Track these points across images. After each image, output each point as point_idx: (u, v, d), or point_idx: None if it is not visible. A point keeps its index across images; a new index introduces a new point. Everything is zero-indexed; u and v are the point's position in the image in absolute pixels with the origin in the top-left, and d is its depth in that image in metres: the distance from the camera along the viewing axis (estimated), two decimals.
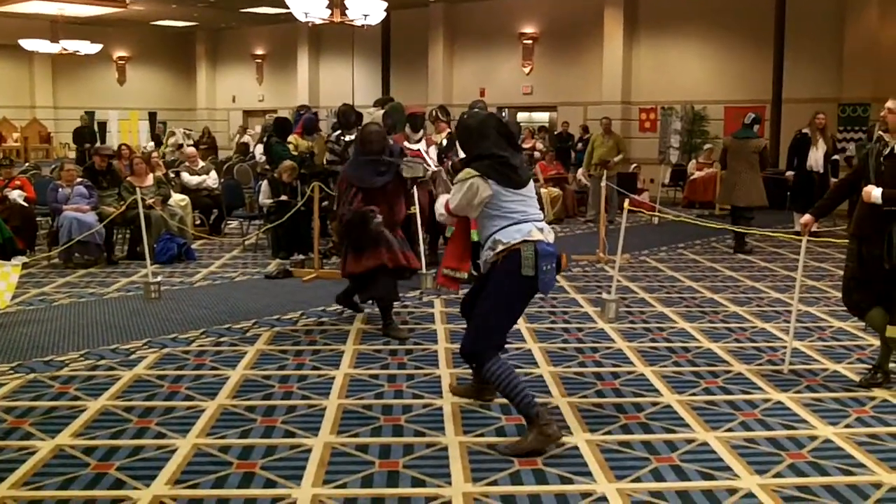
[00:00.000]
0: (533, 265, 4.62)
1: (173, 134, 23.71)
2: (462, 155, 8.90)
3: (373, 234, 6.90)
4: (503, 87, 21.96)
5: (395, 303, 7.37)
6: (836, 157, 13.67)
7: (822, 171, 12.91)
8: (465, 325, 7.40)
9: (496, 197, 4.70)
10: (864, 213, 5.66)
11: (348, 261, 7.13)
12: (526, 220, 4.71)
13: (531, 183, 4.91)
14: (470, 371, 5.51)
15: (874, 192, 5.50)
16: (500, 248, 4.69)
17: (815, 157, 12.90)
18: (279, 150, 11.25)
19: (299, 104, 13.78)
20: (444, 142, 9.79)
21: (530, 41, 21.72)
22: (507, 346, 6.69)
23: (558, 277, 9.74)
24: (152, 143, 22.41)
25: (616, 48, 19.82)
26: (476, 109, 9.22)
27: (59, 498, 3.99)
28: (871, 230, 5.59)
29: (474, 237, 9.12)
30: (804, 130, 13.34)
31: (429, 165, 9.41)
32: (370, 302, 7.54)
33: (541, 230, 4.72)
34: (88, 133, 23.71)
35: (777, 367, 6.22)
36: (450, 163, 9.27)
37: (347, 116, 10.01)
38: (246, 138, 23.11)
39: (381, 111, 9.81)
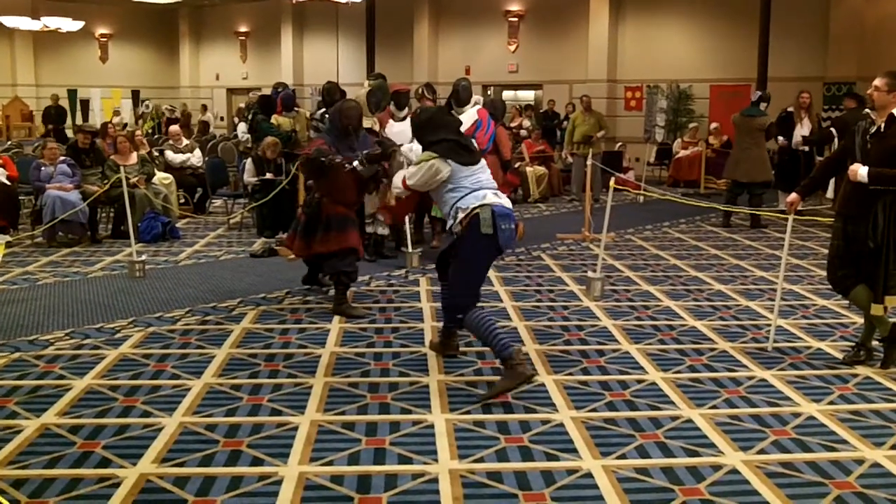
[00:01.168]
0: (491, 224, 5.25)
1: (117, 113, 23.45)
2: None
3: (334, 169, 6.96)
4: (488, 65, 21.89)
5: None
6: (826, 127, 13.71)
7: (807, 149, 12.93)
8: None
9: (454, 174, 5.39)
10: (849, 191, 5.68)
11: (315, 240, 7.11)
12: (481, 188, 5.38)
13: (482, 160, 5.62)
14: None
15: (860, 171, 5.52)
16: (461, 214, 5.34)
17: (801, 136, 12.94)
18: (266, 127, 11.19)
19: (276, 82, 13.67)
20: None
21: (516, 19, 21.64)
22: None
23: (543, 255, 9.84)
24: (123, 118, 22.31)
25: (602, 26, 19.78)
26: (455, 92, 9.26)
27: (45, 476, 3.99)
28: (856, 208, 5.61)
29: (438, 213, 9.18)
30: (789, 109, 13.39)
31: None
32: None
33: (496, 195, 5.39)
34: (56, 113, 23.33)
35: (761, 345, 6.26)
36: None
37: (332, 94, 9.95)
38: (207, 116, 22.98)
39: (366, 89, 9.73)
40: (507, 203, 5.44)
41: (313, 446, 4.36)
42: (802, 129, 13.01)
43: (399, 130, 9.29)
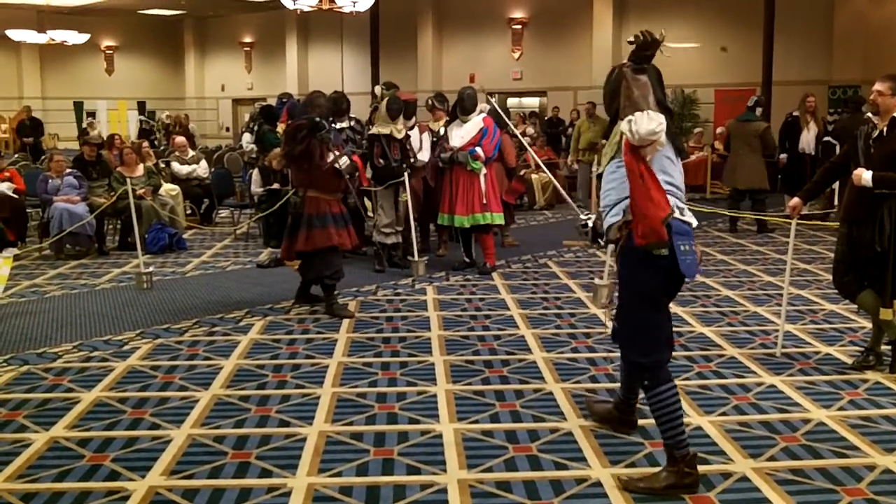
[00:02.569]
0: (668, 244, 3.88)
1: (92, 126, 23.21)
2: (456, 143, 8.97)
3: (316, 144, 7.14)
4: (493, 72, 21.91)
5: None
6: (826, 138, 13.62)
7: (813, 153, 12.88)
8: (457, 312, 7.45)
9: (656, 156, 3.97)
10: (854, 196, 5.67)
11: (298, 240, 7.31)
12: (670, 191, 3.97)
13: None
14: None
15: (864, 175, 5.51)
16: (630, 218, 3.92)
17: (807, 140, 12.90)
18: (272, 138, 11.19)
19: (281, 92, 13.70)
20: (442, 130, 9.78)
21: (519, 26, 21.68)
22: (501, 332, 6.72)
23: (549, 263, 9.83)
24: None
25: (605, 32, 19.79)
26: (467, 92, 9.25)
27: (54, 490, 3.99)
28: (861, 213, 5.60)
29: (444, 221, 9.19)
30: (794, 113, 13.34)
31: (415, 153, 9.39)
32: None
33: (681, 209, 4.01)
34: (30, 126, 22.53)
35: (770, 351, 6.24)
36: (439, 151, 9.24)
37: (339, 104, 9.95)
38: (192, 125, 22.98)
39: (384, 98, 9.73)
40: (691, 218, 4.07)
41: (321, 457, 4.35)
42: (809, 134, 12.91)
43: (417, 140, 9.33)
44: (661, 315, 4.11)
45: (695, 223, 4.06)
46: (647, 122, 3.77)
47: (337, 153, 7.29)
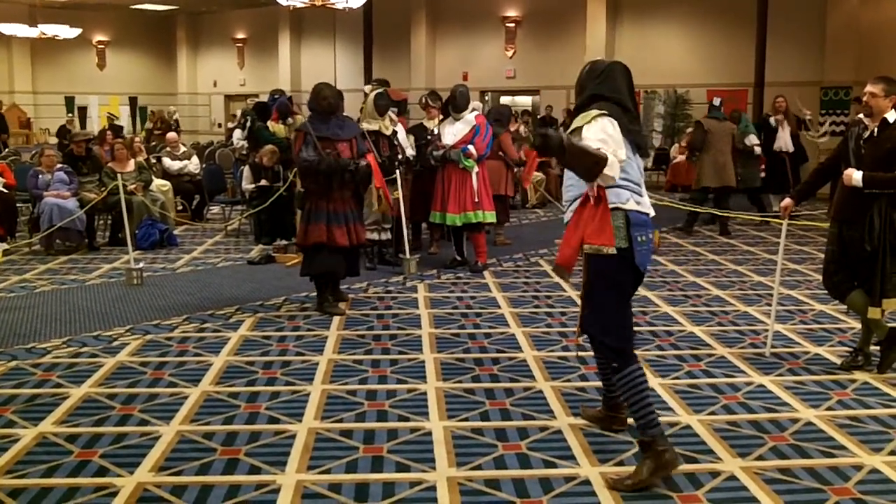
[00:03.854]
0: (625, 235, 4.03)
1: (71, 122, 22.89)
2: (448, 141, 8.96)
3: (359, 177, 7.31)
4: (486, 70, 21.91)
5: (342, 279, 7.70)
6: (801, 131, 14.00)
7: (791, 150, 13.23)
8: (448, 310, 7.45)
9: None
10: (844, 196, 5.69)
11: (299, 233, 7.52)
12: (626, 185, 4.09)
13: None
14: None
15: (855, 175, 5.53)
16: None
17: (784, 139, 13.27)
18: (266, 134, 11.17)
19: (273, 89, 13.66)
20: (436, 128, 9.77)
21: (513, 24, 21.67)
22: (492, 330, 6.73)
23: (541, 261, 9.83)
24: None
25: (599, 31, 19.79)
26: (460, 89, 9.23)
27: (42, 486, 3.98)
28: (851, 213, 5.62)
29: (436, 219, 9.18)
30: (769, 114, 13.72)
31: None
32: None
33: (639, 198, 4.13)
34: None
35: (759, 351, 6.26)
36: (431, 149, 9.22)
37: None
38: (176, 115, 22.89)
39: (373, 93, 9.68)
40: (649, 209, 4.19)
41: (311, 454, 4.35)
42: (785, 132, 13.25)
43: (404, 137, 9.31)
44: (628, 304, 4.25)
45: (652, 213, 4.19)
46: (614, 170, 3.94)
47: (358, 163, 7.29)
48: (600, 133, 3.99)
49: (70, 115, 25.05)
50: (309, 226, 7.26)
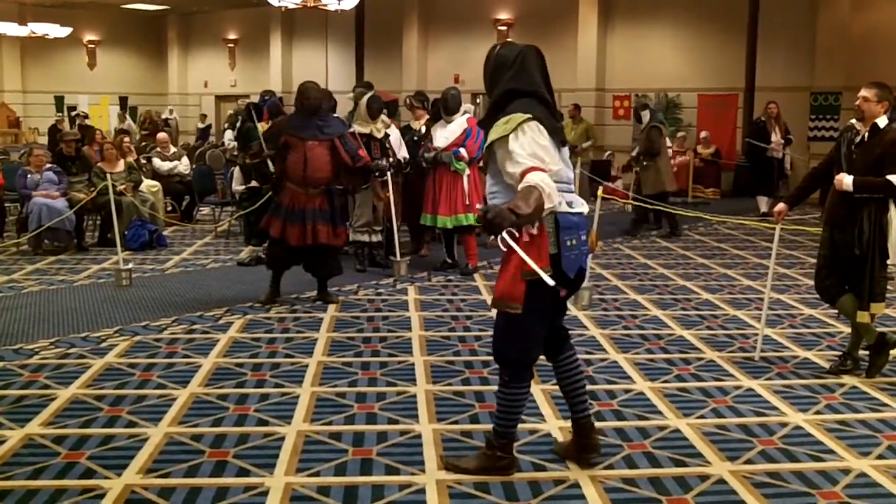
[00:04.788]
0: (554, 241, 3.81)
1: (61, 122, 22.86)
2: (440, 144, 8.96)
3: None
4: (478, 73, 21.56)
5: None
6: (790, 136, 14.51)
7: (781, 155, 13.73)
8: (438, 313, 7.45)
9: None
10: (836, 200, 5.72)
11: (263, 221, 7.74)
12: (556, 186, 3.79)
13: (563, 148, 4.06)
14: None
15: (846, 180, 5.56)
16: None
17: (776, 143, 13.65)
18: (254, 134, 11.13)
19: (264, 89, 13.65)
20: (423, 129, 9.76)
21: (505, 27, 21.66)
22: (482, 333, 6.72)
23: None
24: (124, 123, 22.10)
25: (590, 35, 19.80)
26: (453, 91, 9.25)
27: (28, 487, 3.96)
28: (842, 217, 5.65)
29: (427, 221, 9.17)
30: (762, 119, 14.09)
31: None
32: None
33: (569, 203, 3.88)
34: None
35: (748, 355, 6.27)
36: (422, 151, 9.22)
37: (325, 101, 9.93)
38: (127, 123, 22.75)
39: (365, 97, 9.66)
40: (581, 206, 3.95)
41: (300, 457, 4.34)
42: (777, 137, 13.82)
43: (396, 139, 9.31)
44: (543, 317, 3.95)
45: (585, 210, 3.96)
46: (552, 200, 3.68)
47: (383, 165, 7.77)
48: (530, 146, 3.69)
49: (60, 114, 24.90)
50: (270, 217, 7.51)
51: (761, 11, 17.03)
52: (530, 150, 3.70)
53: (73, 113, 25.03)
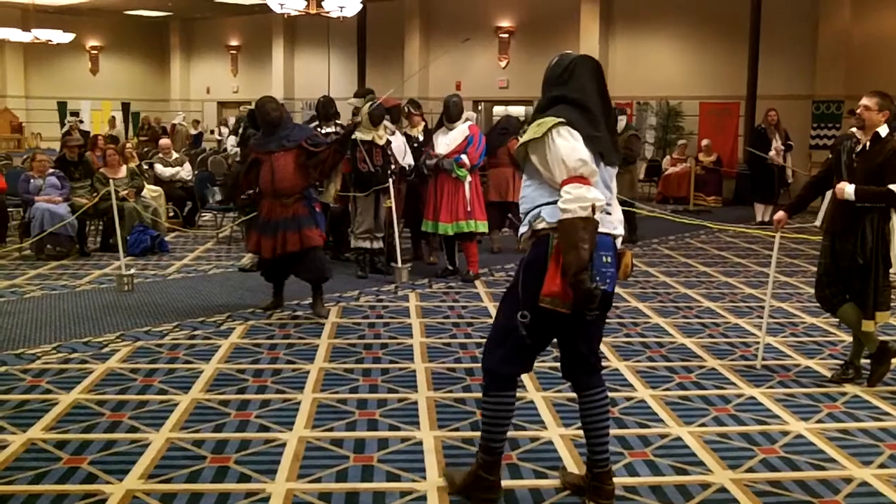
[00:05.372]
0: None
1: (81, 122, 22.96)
2: (441, 151, 8.97)
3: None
4: (479, 80, 21.95)
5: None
6: (790, 142, 14.64)
7: (781, 163, 13.91)
8: (440, 320, 7.45)
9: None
10: (837, 209, 5.72)
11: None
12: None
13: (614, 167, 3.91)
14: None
15: (847, 189, 5.56)
16: (541, 226, 3.68)
17: (777, 150, 13.85)
18: None
19: (265, 96, 13.67)
20: (420, 135, 9.77)
21: (506, 35, 21.72)
22: (483, 340, 6.71)
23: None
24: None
25: (592, 43, 19.84)
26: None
27: (30, 492, 3.96)
28: (844, 226, 5.65)
29: (428, 228, 9.18)
30: (763, 126, 14.35)
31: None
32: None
33: (604, 214, 3.67)
34: None
35: (750, 363, 6.27)
36: (424, 158, 9.23)
37: (327, 108, 9.96)
38: (117, 129, 22.72)
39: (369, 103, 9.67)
40: (616, 226, 3.81)
41: (301, 463, 4.34)
42: (778, 144, 14.02)
43: (395, 145, 9.32)
44: (540, 336, 3.77)
45: (620, 233, 3.81)
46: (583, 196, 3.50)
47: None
48: (572, 152, 3.54)
49: (73, 118, 24.87)
50: (250, 231, 7.68)
51: (763, 19, 17.05)
52: (561, 154, 3.55)
53: (67, 118, 25.11)
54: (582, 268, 3.44)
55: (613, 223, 3.78)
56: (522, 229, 3.80)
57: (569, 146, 3.57)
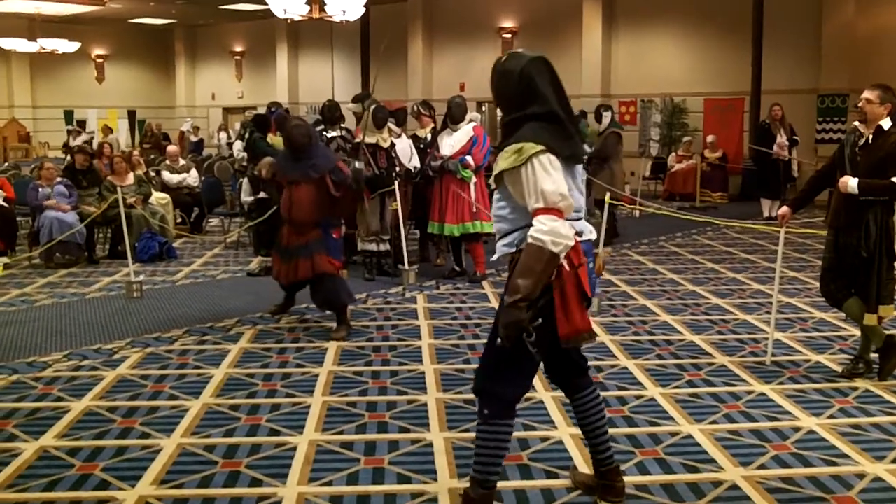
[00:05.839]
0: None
1: (79, 133, 23.07)
2: (446, 152, 8.98)
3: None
4: (483, 81, 21.61)
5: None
6: (796, 137, 14.59)
7: (787, 157, 13.93)
8: (447, 321, 7.45)
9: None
10: (840, 203, 5.72)
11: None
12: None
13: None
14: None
15: (850, 182, 5.55)
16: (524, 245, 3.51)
17: (782, 146, 13.82)
18: (263, 146, 11.17)
19: (270, 101, 13.68)
20: (429, 136, 9.79)
21: (509, 35, 21.70)
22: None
23: None
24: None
25: (595, 41, 19.83)
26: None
27: (44, 499, 3.98)
28: (847, 220, 5.64)
29: (434, 229, 9.18)
30: (767, 121, 14.37)
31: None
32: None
33: (579, 232, 3.62)
34: None
35: (759, 359, 6.26)
36: (429, 159, 9.23)
37: (333, 111, 9.97)
38: (112, 137, 22.72)
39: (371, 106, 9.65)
40: (590, 234, 3.73)
41: (312, 466, 4.35)
42: (782, 139, 14.05)
43: (400, 147, 9.33)
44: (543, 350, 3.66)
45: (592, 237, 3.74)
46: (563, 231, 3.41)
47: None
48: (553, 186, 3.41)
49: (79, 128, 24.89)
50: (274, 255, 7.50)
51: (766, 14, 17.02)
52: (541, 186, 3.42)
53: (68, 127, 25.18)
54: (529, 298, 3.39)
55: (590, 229, 3.73)
56: (507, 250, 3.65)
57: (549, 179, 3.42)
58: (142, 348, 6.64)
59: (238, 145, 13.92)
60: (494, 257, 3.78)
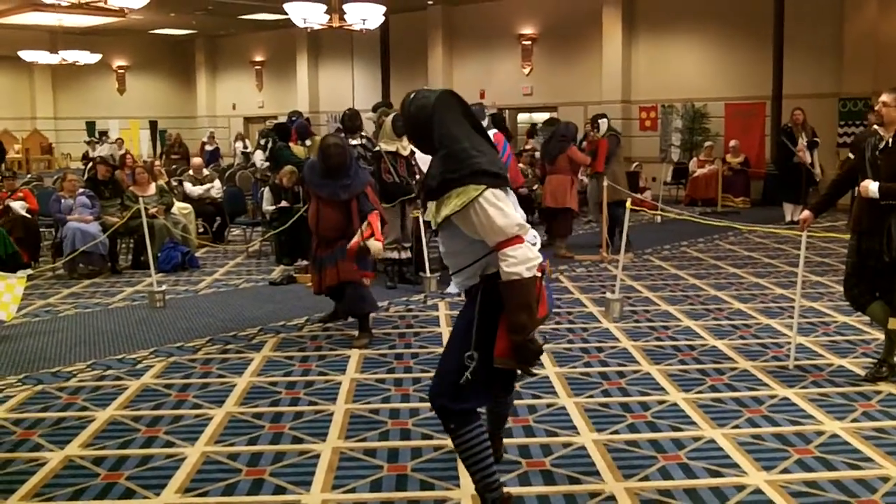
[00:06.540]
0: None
1: (99, 143, 23.16)
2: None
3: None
4: (503, 88, 21.96)
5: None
6: (816, 138, 14.45)
7: (809, 161, 13.89)
8: None
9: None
10: (862, 207, 5.69)
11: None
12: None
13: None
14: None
15: (871, 186, 5.52)
16: (491, 271, 3.58)
17: (804, 150, 13.99)
18: (286, 154, 11.23)
19: (291, 110, 13.76)
20: None
21: (529, 42, 21.73)
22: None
23: (561, 278, 9.82)
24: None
25: (615, 47, 19.82)
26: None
27: None
28: (869, 224, 5.61)
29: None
30: (788, 125, 14.27)
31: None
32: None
33: (533, 244, 3.62)
34: None
35: (782, 363, 6.23)
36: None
37: (353, 120, 10.02)
38: (106, 147, 22.81)
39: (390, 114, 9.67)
40: (537, 240, 3.70)
41: (335, 473, 4.37)
42: (803, 143, 14.02)
43: (422, 157, 9.35)
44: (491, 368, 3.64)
45: (539, 243, 3.70)
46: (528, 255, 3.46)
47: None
48: (507, 220, 3.45)
49: (105, 137, 25.05)
50: (311, 266, 7.56)
51: (787, 18, 16.95)
52: (496, 223, 3.44)
53: (85, 139, 25.40)
54: (534, 328, 3.47)
55: (533, 233, 3.66)
56: (471, 282, 3.66)
57: (501, 214, 3.44)
58: (165, 357, 6.68)
59: (259, 155, 14.01)
60: (452, 289, 3.83)
